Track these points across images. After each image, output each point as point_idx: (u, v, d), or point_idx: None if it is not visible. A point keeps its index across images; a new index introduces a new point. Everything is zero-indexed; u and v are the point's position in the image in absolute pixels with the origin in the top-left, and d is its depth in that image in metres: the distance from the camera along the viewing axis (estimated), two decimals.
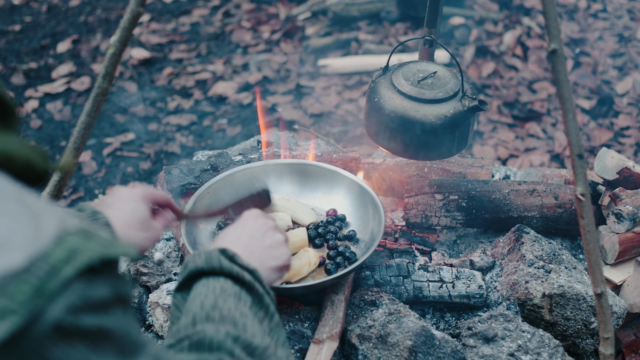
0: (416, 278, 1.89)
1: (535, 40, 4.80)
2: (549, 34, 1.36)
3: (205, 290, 1.11)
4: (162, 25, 5.21)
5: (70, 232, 0.70)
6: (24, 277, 0.64)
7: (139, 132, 4.09)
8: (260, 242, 1.33)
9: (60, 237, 0.68)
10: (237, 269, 1.15)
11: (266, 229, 1.36)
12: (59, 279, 0.66)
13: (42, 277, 0.65)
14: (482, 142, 3.97)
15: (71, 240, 0.69)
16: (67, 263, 0.67)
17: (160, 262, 2.09)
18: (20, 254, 0.65)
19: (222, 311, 1.06)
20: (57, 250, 0.67)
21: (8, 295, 0.63)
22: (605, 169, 2.15)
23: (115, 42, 1.79)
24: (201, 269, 1.14)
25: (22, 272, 0.64)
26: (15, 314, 0.63)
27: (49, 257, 0.66)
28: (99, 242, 0.71)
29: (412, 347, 1.67)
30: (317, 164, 2.13)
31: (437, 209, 2.09)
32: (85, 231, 0.71)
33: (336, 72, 4.54)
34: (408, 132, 1.92)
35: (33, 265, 0.65)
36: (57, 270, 0.66)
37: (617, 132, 4.07)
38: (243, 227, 1.35)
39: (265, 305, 1.14)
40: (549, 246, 1.98)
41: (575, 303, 1.85)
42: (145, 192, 1.47)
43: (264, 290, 1.16)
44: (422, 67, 2.01)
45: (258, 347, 1.04)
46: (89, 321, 0.68)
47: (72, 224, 0.71)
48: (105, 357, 0.70)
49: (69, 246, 0.68)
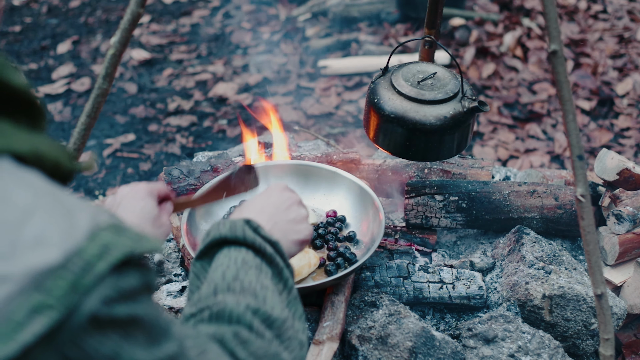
0: (416, 279, 1.89)
1: (536, 41, 4.80)
2: (549, 35, 1.36)
3: (227, 261, 1.11)
4: (162, 26, 5.22)
5: (102, 228, 0.71)
6: (60, 273, 0.66)
7: (139, 133, 4.09)
8: (285, 215, 1.34)
9: (93, 233, 0.70)
10: (260, 240, 1.15)
11: (291, 202, 1.37)
12: (93, 274, 0.67)
13: (77, 272, 0.67)
14: (482, 143, 3.97)
15: (104, 235, 0.70)
16: (101, 259, 0.68)
17: (160, 264, 2.08)
18: (56, 250, 0.66)
19: (243, 283, 1.07)
20: (90, 246, 0.69)
21: (45, 290, 0.64)
22: (605, 170, 2.15)
23: (115, 43, 1.79)
24: (224, 237, 1.15)
25: (58, 268, 0.66)
26: (53, 309, 0.64)
27: (83, 253, 0.68)
28: (129, 237, 0.73)
29: (412, 348, 1.67)
30: (318, 165, 2.13)
31: (437, 210, 2.09)
32: (116, 226, 0.73)
33: (336, 73, 4.54)
34: (408, 133, 1.92)
35: (68, 261, 0.67)
36: (91, 266, 0.68)
37: (617, 133, 4.07)
38: (268, 198, 1.36)
39: (284, 279, 1.15)
40: (549, 247, 1.98)
41: (576, 304, 1.85)
42: (150, 188, 1.48)
43: (284, 263, 1.17)
44: (422, 68, 2.01)
45: (277, 319, 1.05)
46: (122, 310, 0.70)
47: (104, 220, 0.72)
48: (136, 344, 0.72)
49: (102, 242, 0.70)
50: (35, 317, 0.63)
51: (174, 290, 2.00)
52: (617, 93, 4.35)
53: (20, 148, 0.71)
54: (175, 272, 2.08)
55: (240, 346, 0.98)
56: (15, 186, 0.68)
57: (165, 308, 1.92)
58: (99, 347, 0.68)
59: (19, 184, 0.69)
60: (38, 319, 0.63)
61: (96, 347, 0.68)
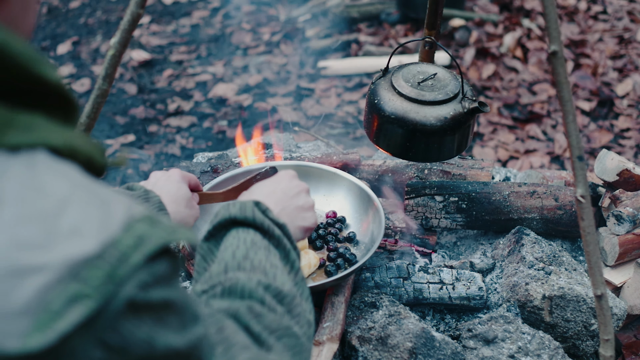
0: (416, 280, 1.89)
1: (536, 42, 4.80)
2: (549, 36, 1.36)
3: (237, 241, 1.13)
4: (162, 27, 5.22)
5: (137, 219, 0.72)
6: (97, 263, 0.67)
7: (139, 134, 4.09)
8: (293, 201, 1.38)
9: (128, 224, 0.71)
10: (269, 222, 1.18)
11: (299, 190, 1.41)
12: (128, 265, 0.68)
13: (113, 263, 0.68)
14: (482, 143, 3.97)
15: (139, 227, 0.71)
16: (136, 249, 0.70)
17: None
18: (93, 240, 0.67)
19: (253, 262, 1.10)
20: (126, 237, 0.70)
21: (82, 280, 0.66)
22: (605, 171, 2.14)
23: (115, 44, 1.79)
24: (234, 218, 1.17)
25: (94, 258, 0.67)
26: (90, 298, 0.65)
27: (118, 243, 0.69)
28: (163, 228, 0.74)
29: (412, 349, 1.67)
30: (318, 165, 2.13)
31: (437, 211, 2.09)
32: (150, 218, 0.74)
33: (336, 73, 4.54)
34: (408, 133, 1.92)
35: (105, 251, 0.68)
36: (127, 257, 0.69)
37: (617, 134, 4.07)
38: (278, 184, 1.40)
39: (291, 260, 1.17)
40: (549, 248, 1.98)
41: (576, 305, 1.85)
42: (183, 174, 1.60)
43: (291, 245, 1.19)
44: (422, 69, 2.01)
45: (287, 295, 1.08)
46: (157, 294, 0.71)
47: (138, 211, 0.74)
48: (169, 328, 0.74)
49: (137, 233, 0.71)
50: (72, 306, 0.64)
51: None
52: (617, 94, 4.35)
53: (55, 141, 0.72)
54: None
55: (254, 320, 1.00)
56: (52, 177, 0.69)
57: None
58: (135, 332, 0.69)
59: (55, 176, 0.70)
60: (76, 308, 0.64)
61: (132, 331, 0.69)
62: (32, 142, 0.70)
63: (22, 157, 0.69)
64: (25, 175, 0.68)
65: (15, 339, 0.62)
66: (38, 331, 0.63)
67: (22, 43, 0.72)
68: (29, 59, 0.71)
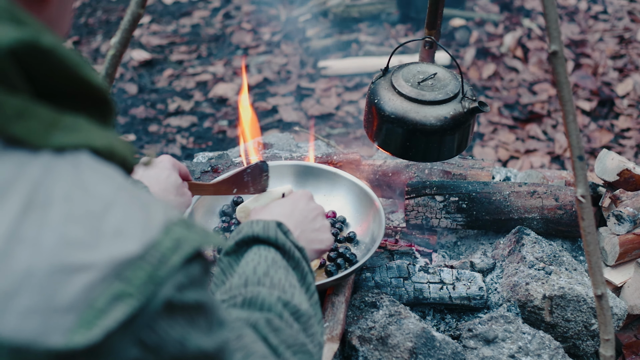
0: (417, 279, 1.89)
1: (536, 42, 4.80)
2: (550, 36, 1.36)
3: (258, 258, 1.16)
4: (162, 27, 5.22)
5: (174, 223, 0.74)
6: (139, 264, 0.68)
7: (139, 134, 4.09)
8: (311, 224, 1.41)
9: (167, 227, 0.73)
10: (290, 244, 1.21)
11: (317, 213, 1.45)
12: (168, 266, 0.70)
13: (154, 264, 0.69)
14: (482, 143, 3.97)
15: (176, 230, 0.73)
16: (175, 252, 0.71)
17: None
18: (136, 241, 0.69)
19: (273, 279, 1.12)
20: (165, 240, 0.71)
21: (126, 280, 0.67)
22: (605, 171, 2.14)
23: (115, 44, 1.79)
24: (256, 236, 1.19)
25: (137, 259, 0.68)
26: (133, 297, 0.67)
27: (159, 245, 0.71)
28: (198, 232, 0.76)
29: (412, 349, 1.67)
30: (318, 165, 2.13)
31: (437, 211, 2.09)
32: (186, 222, 0.76)
33: (336, 73, 4.54)
34: (408, 133, 1.92)
35: (146, 253, 0.69)
36: (167, 259, 0.70)
37: (617, 134, 4.07)
38: (296, 205, 1.42)
39: (307, 283, 1.20)
40: (549, 248, 1.98)
41: (576, 305, 1.85)
42: (174, 161, 1.60)
43: (308, 268, 1.22)
44: (423, 69, 2.01)
45: (304, 314, 1.11)
46: (191, 296, 0.73)
47: (175, 215, 0.76)
48: (199, 330, 0.75)
49: (175, 236, 0.72)
50: (116, 304, 0.66)
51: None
52: (618, 94, 4.35)
53: (97, 143, 0.74)
54: None
55: (273, 333, 1.02)
56: (97, 179, 0.71)
57: None
58: (170, 331, 0.71)
59: (100, 177, 0.72)
60: (119, 307, 0.66)
61: (168, 331, 0.70)
62: (77, 143, 0.72)
63: (68, 158, 0.71)
64: (72, 176, 0.70)
65: (60, 335, 0.63)
66: (83, 328, 0.64)
67: (68, 47, 0.73)
68: (76, 62, 0.73)
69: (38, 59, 0.70)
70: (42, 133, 0.70)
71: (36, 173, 0.68)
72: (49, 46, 0.70)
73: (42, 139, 0.70)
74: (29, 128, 0.69)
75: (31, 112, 0.70)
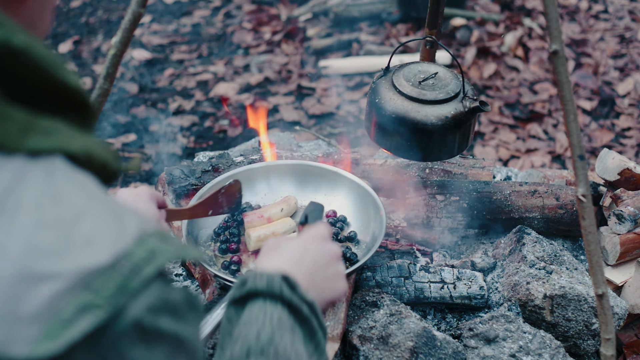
0: (417, 279, 1.89)
1: (537, 41, 4.80)
2: (550, 35, 1.36)
3: (263, 317, 1.07)
4: (163, 26, 5.22)
5: (149, 234, 0.72)
6: (109, 274, 0.67)
7: (140, 133, 4.09)
8: (323, 271, 1.24)
9: (141, 238, 0.71)
10: (297, 300, 1.10)
11: (331, 257, 1.26)
12: (140, 277, 0.68)
13: (125, 274, 0.67)
14: (483, 143, 3.97)
15: (151, 241, 0.72)
16: (148, 263, 0.70)
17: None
18: (106, 251, 0.67)
19: (278, 349, 1.03)
20: (139, 250, 0.70)
21: (94, 290, 0.65)
22: (606, 170, 2.14)
23: (116, 43, 1.79)
24: (260, 292, 1.10)
25: (107, 268, 0.67)
26: (100, 308, 0.65)
27: (132, 255, 0.69)
28: (174, 245, 0.74)
29: (413, 348, 1.67)
30: (319, 165, 2.13)
31: (438, 210, 2.09)
32: (162, 234, 0.74)
33: (337, 73, 4.54)
34: (409, 133, 1.92)
35: (117, 263, 0.68)
36: (139, 269, 0.69)
37: (618, 133, 4.07)
38: (308, 249, 1.25)
39: (316, 341, 1.11)
40: (550, 247, 1.98)
41: (577, 304, 1.85)
42: (152, 192, 1.54)
43: (319, 324, 1.13)
44: (423, 68, 2.01)
45: None
46: (167, 325, 0.70)
47: (151, 226, 0.74)
48: None
49: (150, 247, 0.71)
50: (82, 315, 0.64)
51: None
52: (618, 93, 4.35)
53: (73, 148, 0.72)
54: (176, 272, 2.08)
55: None
56: (70, 187, 0.70)
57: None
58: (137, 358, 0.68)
59: (73, 185, 0.70)
60: (85, 318, 0.64)
61: (135, 358, 0.68)
62: (52, 147, 0.70)
63: (41, 163, 0.69)
64: (44, 182, 0.68)
65: (24, 345, 0.62)
66: (47, 338, 0.63)
67: (45, 47, 0.72)
68: (51, 63, 0.72)
69: (9, 60, 0.68)
70: (16, 136, 0.68)
71: (7, 177, 0.66)
72: (21, 46, 0.68)
73: (16, 143, 0.68)
74: (2, 131, 0.68)
75: (4, 115, 0.68)
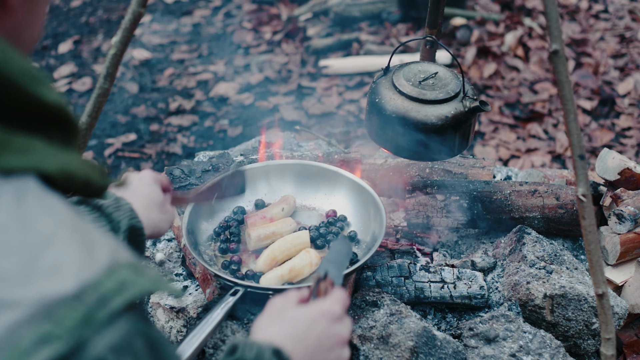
0: (417, 279, 1.89)
1: (537, 41, 4.80)
2: (550, 35, 1.36)
3: None
4: (163, 26, 5.22)
5: (121, 265, 0.69)
6: (73, 304, 0.64)
7: (140, 133, 4.09)
8: (325, 355, 1.12)
9: (111, 268, 0.68)
10: None
11: (337, 341, 1.13)
12: (107, 309, 0.65)
13: (91, 305, 0.64)
14: (483, 142, 3.97)
15: (122, 272, 0.69)
16: (117, 294, 0.66)
17: (161, 263, 2.09)
18: (72, 280, 0.64)
19: None
20: (107, 281, 0.67)
21: (55, 320, 0.62)
22: (606, 170, 2.14)
23: (116, 43, 1.79)
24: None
25: (71, 298, 0.64)
26: (60, 340, 0.62)
27: (99, 286, 0.66)
28: (148, 278, 0.71)
29: (413, 348, 1.67)
30: (319, 164, 2.13)
31: (438, 210, 2.09)
32: (135, 266, 0.71)
33: (337, 72, 4.54)
34: (409, 132, 1.92)
35: (84, 292, 0.64)
36: (107, 301, 0.65)
37: (618, 133, 4.06)
38: (314, 326, 1.11)
39: None
40: (550, 247, 1.98)
41: (577, 304, 1.85)
42: (156, 176, 1.52)
43: None
44: (424, 68, 2.01)
45: None
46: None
47: (124, 257, 0.71)
48: None
49: (120, 278, 0.68)
50: (42, 346, 0.61)
51: None
52: (619, 93, 4.35)
53: (49, 167, 0.70)
54: (177, 271, 2.08)
55: None
56: (39, 211, 0.67)
57: (166, 309, 1.92)
58: None
59: (43, 210, 0.67)
60: (45, 349, 0.61)
61: None
62: (25, 166, 0.68)
63: (13, 184, 0.66)
64: (13, 205, 0.65)
65: None
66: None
67: (21, 61, 0.69)
68: (26, 79, 0.69)
69: None
70: None
71: None
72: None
73: None
74: None
75: None
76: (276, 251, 1.86)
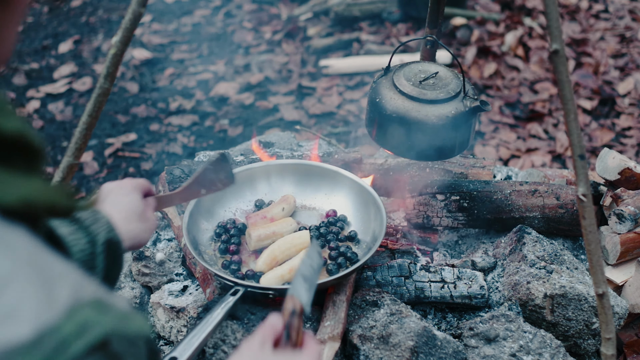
0: (418, 278, 1.89)
1: (537, 41, 4.80)
2: (551, 35, 1.36)
3: None
4: (163, 26, 5.22)
5: (83, 303, 0.65)
6: (31, 351, 0.60)
7: (140, 133, 4.09)
8: None
9: (72, 309, 0.64)
10: None
11: None
12: (67, 355, 0.61)
13: (49, 352, 0.61)
14: (483, 142, 3.97)
15: (84, 312, 0.65)
16: (78, 338, 0.63)
17: (161, 263, 2.09)
18: (29, 326, 0.61)
19: None
20: (67, 323, 0.63)
21: None
22: (606, 170, 2.14)
23: (117, 43, 1.79)
24: None
25: (28, 346, 0.60)
26: None
27: (58, 330, 0.62)
28: (113, 315, 0.67)
29: (413, 348, 1.67)
30: (319, 164, 2.13)
31: (438, 210, 2.09)
32: (99, 302, 0.67)
33: (338, 72, 4.54)
34: (409, 132, 1.92)
35: (41, 338, 0.61)
36: (66, 346, 0.62)
37: (618, 133, 4.06)
38: None
39: None
40: (550, 247, 1.98)
41: (577, 303, 1.85)
42: (134, 183, 1.47)
43: None
44: (424, 68, 2.01)
45: None
46: None
47: (87, 293, 0.67)
48: None
49: (81, 319, 0.64)
50: None
51: (176, 289, 2.01)
52: (619, 92, 4.35)
53: (7, 199, 0.66)
54: (177, 271, 2.08)
55: None
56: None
57: (167, 308, 1.93)
58: None
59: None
60: None
61: None
62: None
63: None
64: None
65: None
66: None
67: None
68: None
69: None
70: None
71: None
72: None
73: None
74: None
75: None
76: (276, 251, 1.86)
